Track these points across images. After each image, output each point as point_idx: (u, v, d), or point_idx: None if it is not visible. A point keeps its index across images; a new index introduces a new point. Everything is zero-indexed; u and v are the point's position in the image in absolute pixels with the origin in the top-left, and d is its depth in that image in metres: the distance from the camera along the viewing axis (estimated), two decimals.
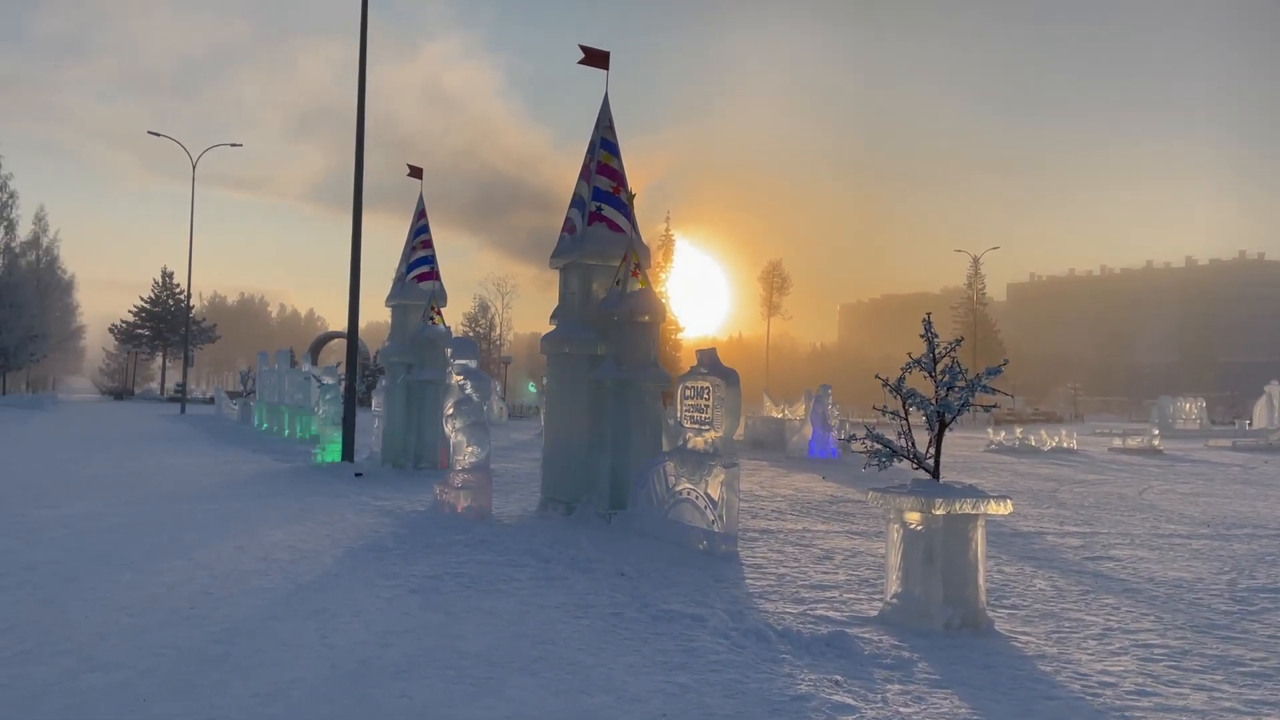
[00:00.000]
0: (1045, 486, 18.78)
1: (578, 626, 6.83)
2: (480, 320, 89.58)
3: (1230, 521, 13.92)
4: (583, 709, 5.07)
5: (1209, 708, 5.41)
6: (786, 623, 7.05)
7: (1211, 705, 5.45)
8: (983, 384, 7.39)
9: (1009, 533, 12.00)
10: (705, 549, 9.95)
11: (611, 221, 12.71)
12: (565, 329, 12.82)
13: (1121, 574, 9.58)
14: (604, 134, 13.10)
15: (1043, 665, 6.24)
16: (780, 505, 14.52)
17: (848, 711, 5.14)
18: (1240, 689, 5.77)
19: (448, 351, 13.71)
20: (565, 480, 12.58)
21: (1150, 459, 28.35)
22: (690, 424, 10.60)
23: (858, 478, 18.94)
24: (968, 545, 7.05)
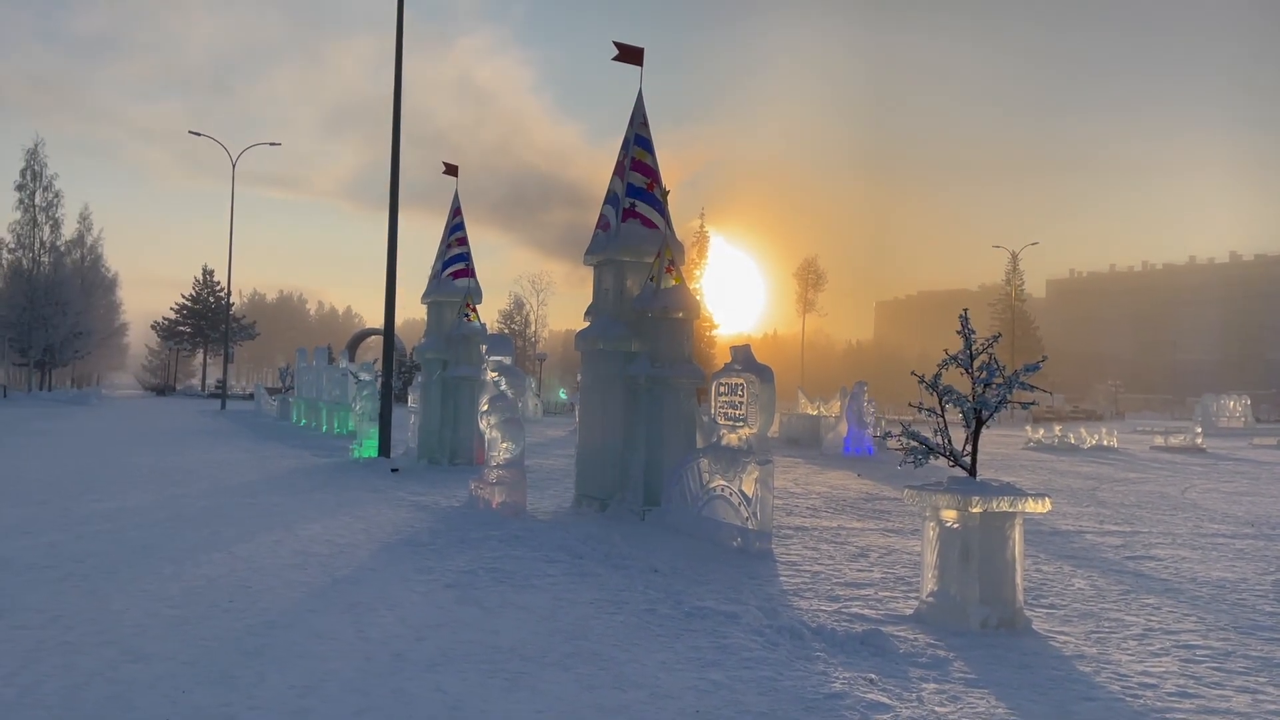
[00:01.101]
0: (1085, 485, 18.53)
1: (611, 622, 6.84)
2: (515, 317, 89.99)
3: (1275, 521, 13.65)
4: (616, 704, 5.08)
5: (1253, 710, 5.30)
6: (821, 620, 7.02)
7: (1255, 708, 5.34)
8: (1021, 381, 7.30)
9: (1048, 531, 11.85)
10: (739, 546, 9.92)
11: (645, 218, 12.70)
12: (599, 326, 12.84)
13: (1163, 574, 9.43)
14: (638, 130, 13.09)
15: (1082, 666, 6.16)
16: (815, 503, 14.44)
17: (882, 710, 5.10)
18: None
19: (483, 348, 13.78)
20: (599, 477, 12.60)
21: (1193, 457, 27.86)
22: (724, 421, 10.57)
23: (893, 475, 18.80)
24: (1005, 544, 6.97)
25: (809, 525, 12.06)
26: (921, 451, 7.52)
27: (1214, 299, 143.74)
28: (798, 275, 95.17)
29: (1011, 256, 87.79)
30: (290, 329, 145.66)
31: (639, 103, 13.23)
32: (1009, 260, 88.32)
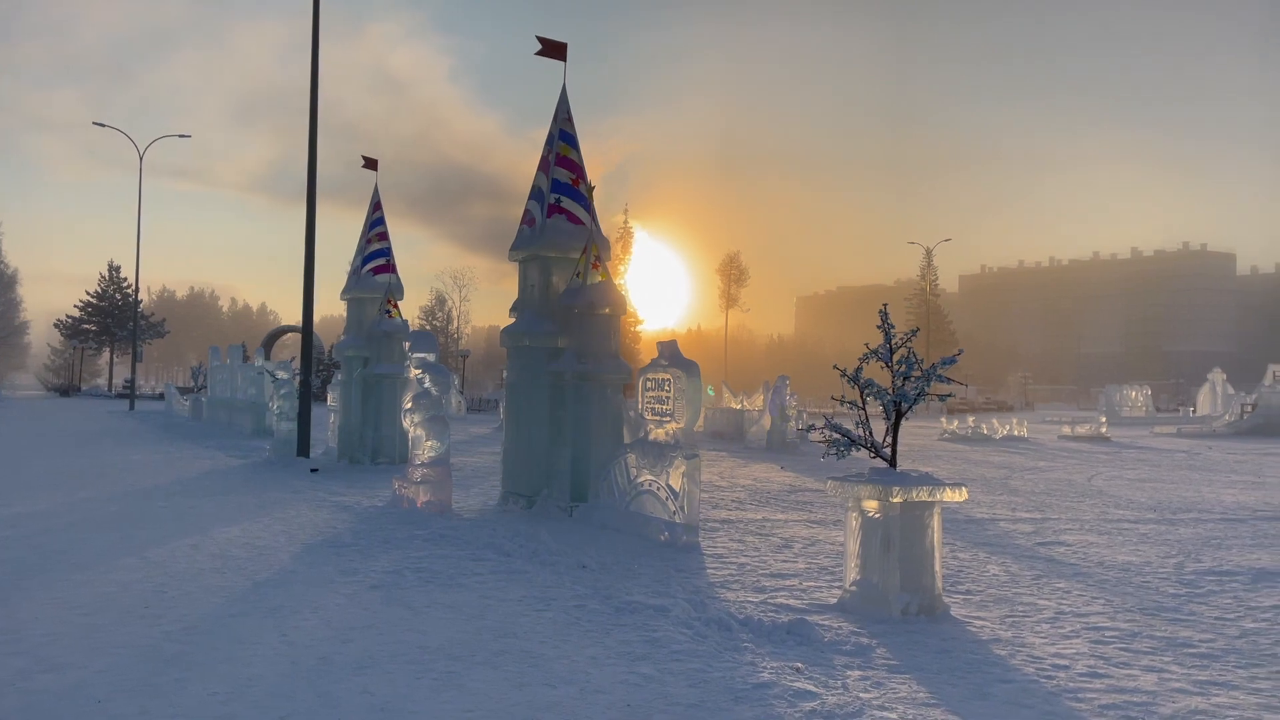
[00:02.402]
0: (997, 474, 19.11)
1: (540, 619, 6.83)
2: (437, 313, 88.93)
3: (1176, 506, 14.27)
4: (546, 701, 5.08)
5: (1159, 689, 5.55)
6: (748, 611, 7.12)
7: (1161, 686, 5.59)
8: (938, 373, 7.50)
9: (963, 519, 12.19)
10: (667, 540, 9.99)
11: (571, 214, 12.68)
12: (525, 322, 12.78)
13: (1072, 559, 9.79)
14: (562, 126, 13.06)
15: (998, 649, 6.36)
16: (740, 495, 14.62)
17: (809, 698, 5.20)
18: (1189, 670, 5.93)
19: (406, 345, 13.61)
20: (526, 473, 12.56)
21: (1098, 446, 28.94)
22: (651, 416, 10.63)
23: (815, 467, 19.13)
24: (924, 532, 7.16)
25: (734, 518, 12.20)
26: (844, 444, 7.68)
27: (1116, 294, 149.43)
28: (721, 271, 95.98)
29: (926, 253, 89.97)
30: (202, 327, 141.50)
31: (563, 98, 13.19)
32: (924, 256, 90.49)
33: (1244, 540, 11.06)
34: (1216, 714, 5.09)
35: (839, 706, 5.05)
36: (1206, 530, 11.83)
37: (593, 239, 12.45)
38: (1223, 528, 12.07)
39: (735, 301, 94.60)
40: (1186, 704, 5.25)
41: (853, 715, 4.92)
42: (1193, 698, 5.37)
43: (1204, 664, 6.07)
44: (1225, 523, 12.55)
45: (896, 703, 5.19)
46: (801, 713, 4.98)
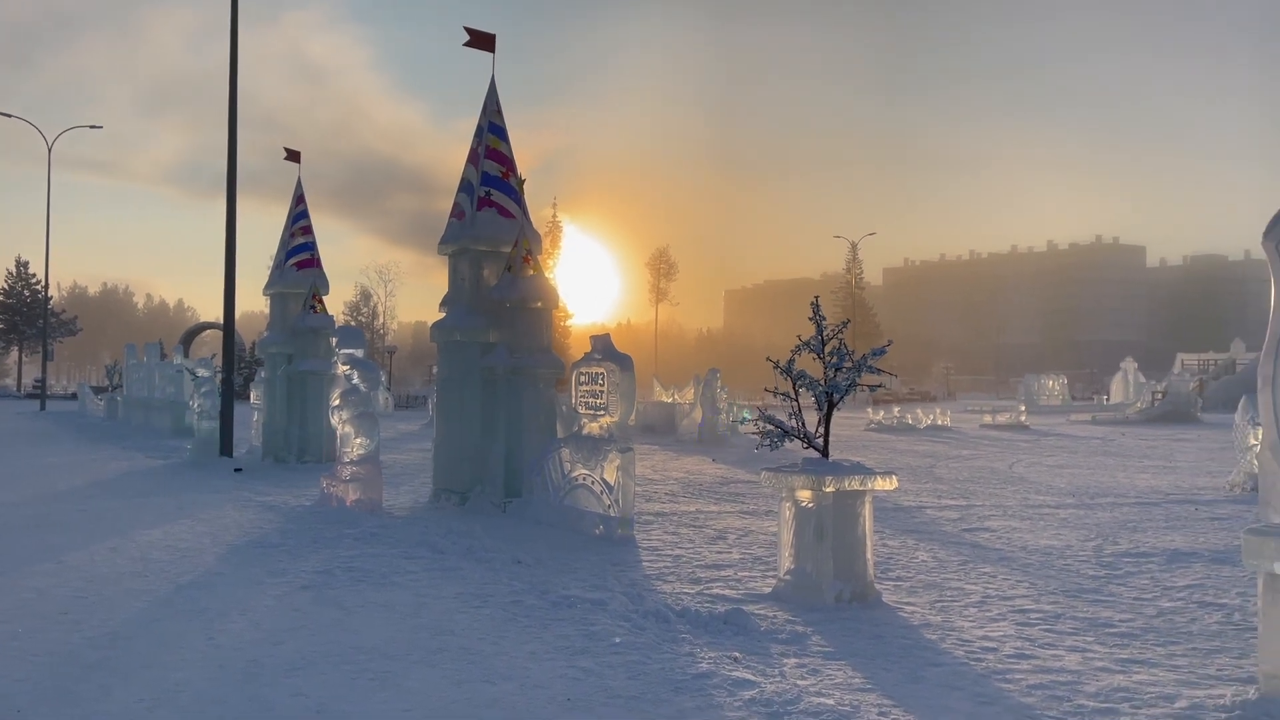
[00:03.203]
0: (923, 463, 19.53)
1: (477, 616, 6.77)
2: (362, 308, 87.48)
3: (1093, 491, 14.75)
4: (486, 698, 5.04)
5: (1083, 668, 5.73)
6: (685, 603, 7.15)
7: (1085, 665, 5.77)
8: (868, 365, 7.63)
9: (892, 508, 12.43)
10: (602, 534, 9.99)
11: (502, 207, 12.58)
12: (456, 316, 12.64)
13: (997, 544, 10.05)
14: (491, 118, 12.94)
15: (929, 633, 6.50)
16: (673, 488, 14.68)
17: (748, 687, 5.25)
18: (1110, 649, 6.14)
19: (333, 341, 13.35)
20: (458, 470, 12.43)
21: (1018, 434, 29.77)
22: (585, 410, 10.61)
23: (746, 459, 19.31)
24: (857, 521, 7.28)
25: (668, 510, 12.25)
26: (777, 435, 7.76)
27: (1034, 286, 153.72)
28: (650, 265, 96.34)
29: (851, 246, 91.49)
30: (116, 324, 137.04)
31: (492, 90, 13.07)
32: (849, 250, 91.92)
33: (1158, 523, 11.48)
34: (1138, 691, 5.27)
35: (777, 694, 5.11)
36: (1123, 514, 12.25)
37: (524, 232, 12.37)
38: (1138, 511, 12.51)
39: (665, 295, 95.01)
40: (1109, 682, 5.43)
41: (791, 702, 4.98)
42: (1115, 676, 5.55)
43: (1125, 643, 6.28)
44: (1140, 506, 13.01)
45: (833, 689, 5.27)
46: (741, 701, 5.02)
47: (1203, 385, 45.39)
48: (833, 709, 4.87)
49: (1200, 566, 8.79)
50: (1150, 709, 4.97)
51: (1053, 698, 5.16)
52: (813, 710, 4.85)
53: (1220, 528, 11.07)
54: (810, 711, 4.83)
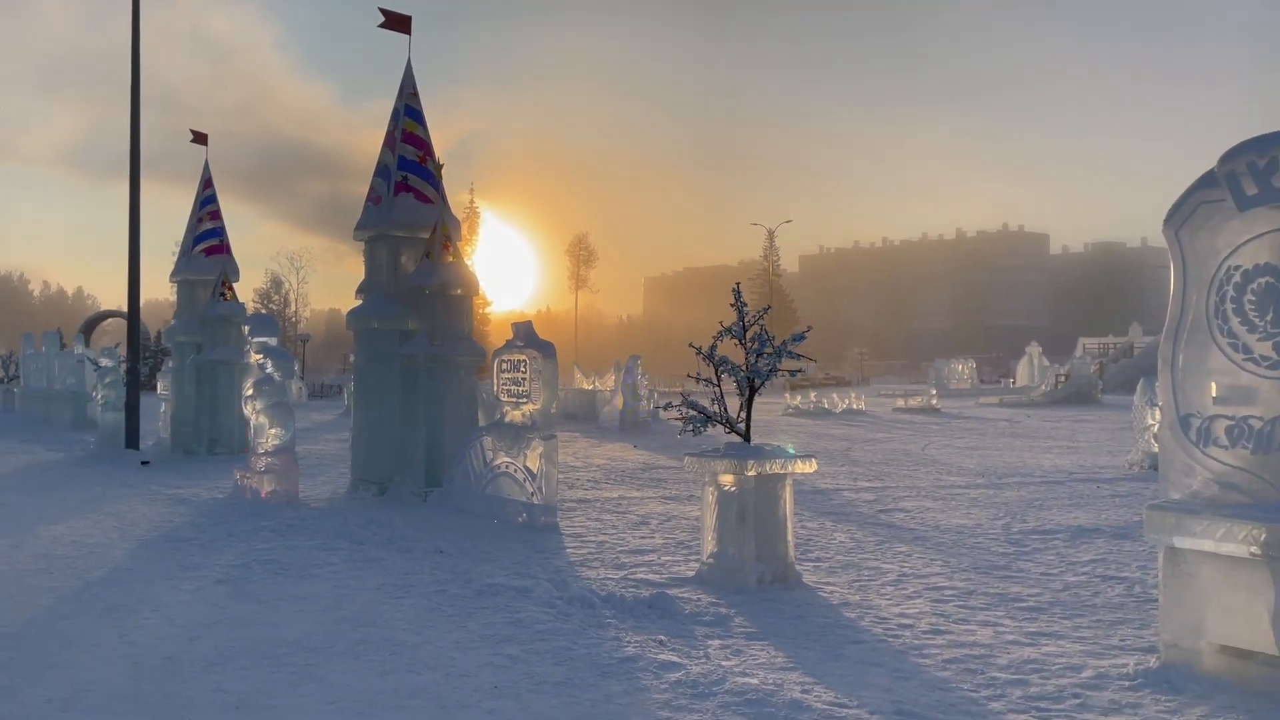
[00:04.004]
0: (839, 446, 19.92)
1: (400, 607, 6.70)
2: (274, 296, 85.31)
3: (1002, 471, 15.26)
4: (411, 688, 5.00)
5: (995, 641, 5.94)
6: (609, 588, 7.19)
7: (997, 639, 5.99)
8: (789, 350, 7.75)
9: (810, 490, 12.66)
10: (525, 521, 9.97)
11: (419, 192, 12.39)
12: (373, 304, 12.43)
13: (911, 524, 10.33)
14: (408, 101, 12.73)
15: (848, 612, 6.66)
16: (595, 475, 14.71)
17: (674, 669, 5.31)
18: (1020, 622, 6.37)
19: (245, 329, 13.01)
20: (377, 460, 12.25)
21: (930, 417, 30.57)
22: (507, 398, 10.55)
23: (667, 445, 19.44)
24: (778, 504, 7.41)
25: (591, 497, 12.28)
26: (700, 420, 7.84)
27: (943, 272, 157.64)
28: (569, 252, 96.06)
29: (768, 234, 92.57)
30: (9, 313, 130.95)
31: (408, 73, 12.86)
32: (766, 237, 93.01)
33: (1063, 501, 11.93)
34: (1046, 662, 5.49)
35: (702, 675, 5.18)
36: (1029, 493, 12.70)
37: (443, 218, 12.22)
38: (1043, 490, 12.98)
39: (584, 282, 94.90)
40: (1020, 654, 5.64)
41: (716, 683, 5.05)
42: (1025, 648, 5.77)
43: (1033, 616, 6.53)
44: (1045, 485, 13.51)
45: (757, 668, 5.36)
46: (667, 684, 5.08)
47: (1103, 368, 47.24)
48: (756, 688, 4.95)
49: (1103, 542, 9.17)
50: (1058, 679, 5.18)
51: (966, 671, 5.34)
52: (737, 690, 4.93)
53: (1121, 504, 11.56)
54: (735, 691, 4.92)
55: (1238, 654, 4.97)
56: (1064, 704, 4.81)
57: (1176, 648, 5.21)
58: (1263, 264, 4.97)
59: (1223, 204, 5.11)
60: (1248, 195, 5.01)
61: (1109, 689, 5.01)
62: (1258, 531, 4.77)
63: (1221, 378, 5.11)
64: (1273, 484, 4.90)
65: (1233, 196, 5.06)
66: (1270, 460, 4.92)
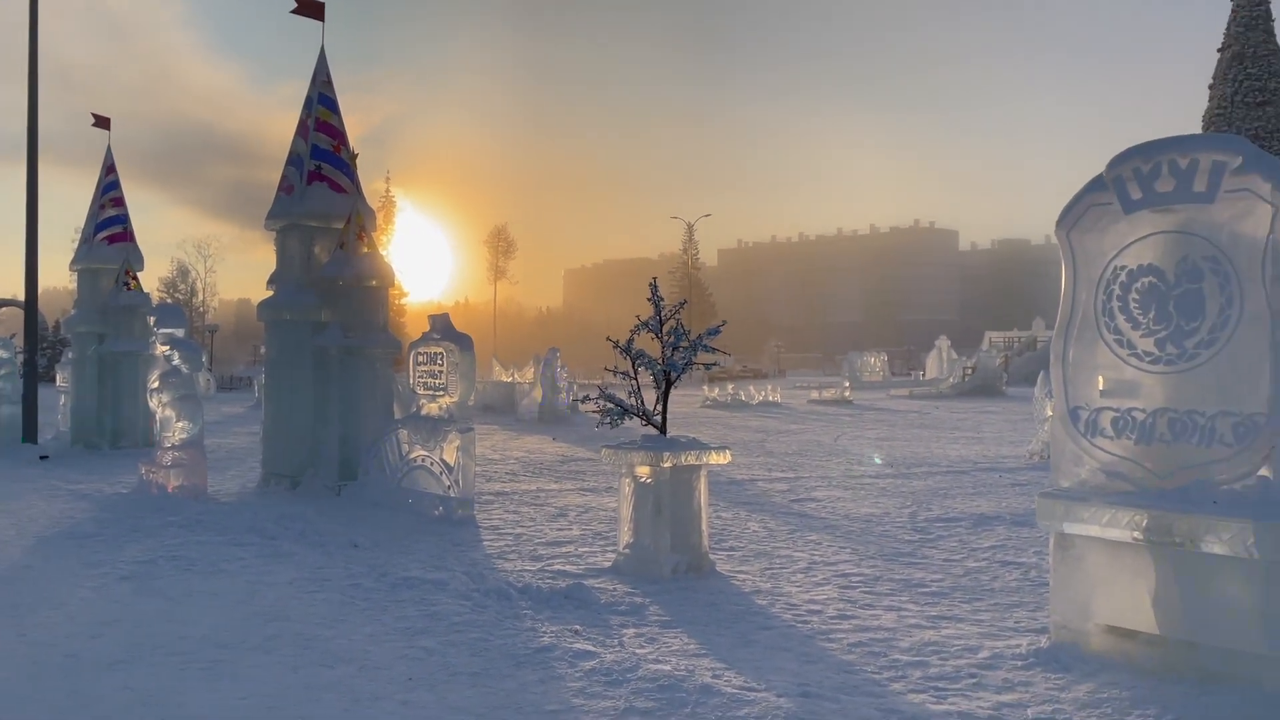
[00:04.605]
0: (755, 437, 20.26)
1: (313, 601, 6.64)
2: (180, 285, 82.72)
3: (910, 461, 15.72)
4: (324, 681, 4.98)
5: (898, 625, 6.17)
6: (526, 580, 7.23)
7: (900, 623, 6.22)
8: (704, 344, 7.89)
9: (726, 481, 12.87)
10: (441, 515, 9.93)
11: (333, 181, 12.20)
12: (286, 294, 12.21)
13: (822, 513, 10.60)
14: (321, 89, 12.52)
15: (759, 600, 6.84)
16: (513, 467, 14.70)
17: (589, 658, 5.39)
18: (922, 607, 6.63)
19: (150, 320, 12.64)
20: (289, 453, 12.04)
21: (843, 409, 31.25)
22: (424, 390, 10.48)
23: (587, 437, 19.51)
24: (693, 495, 7.55)
25: (509, 490, 12.28)
26: (616, 413, 7.93)
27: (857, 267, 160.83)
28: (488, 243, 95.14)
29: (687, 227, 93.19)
30: None
31: (321, 59, 12.65)
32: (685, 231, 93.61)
33: (966, 490, 12.37)
34: (945, 644, 5.73)
35: (616, 663, 5.27)
36: (935, 482, 13.12)
37: (357, 208, 12.06)
38: (949, 479, 13.43)
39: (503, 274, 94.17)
40: (921, 637, 5.87)
41: (629, 670, 5.15)
42: (926, 631, 6.01)
43: (935, 601, 6.79)
44: (951, 474, 13.98)
45: (670, 655, 5.48)
46: (581, 672, 5.16)
47: (1008, 361, 48.80)
48: (669, 674, 5.07)
49: (1003, 529, 9.55)
50: (956, 660, 5.42)
51: (870, 654, 5.55)
52: (650, 677, 5.04)
53: (1021, 493, 12.03)
54: (648, 678, 5.02)
55: (1122, 634, 5.27)
56: (960, 684, 5.04)
57: (1066, 629, 5.49)
58: (1146, 264, 5.26)
59: (1110, 207, 5.40)
60: (1133, 199, 5.29)
61: (1003, 669, 5.26)
62: (1140, 517, 5.06)
63: (1108, 372, 5.39)
64: (1154, 473, 5.20)
65: (1119, 200, 5.34)
66: (1152, 450, 5.22)
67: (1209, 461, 4.98)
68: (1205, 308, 5.03)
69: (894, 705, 4.71)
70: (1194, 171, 5.05)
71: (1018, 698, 4.82)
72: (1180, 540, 4.92)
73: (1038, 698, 4.81)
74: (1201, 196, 5.03)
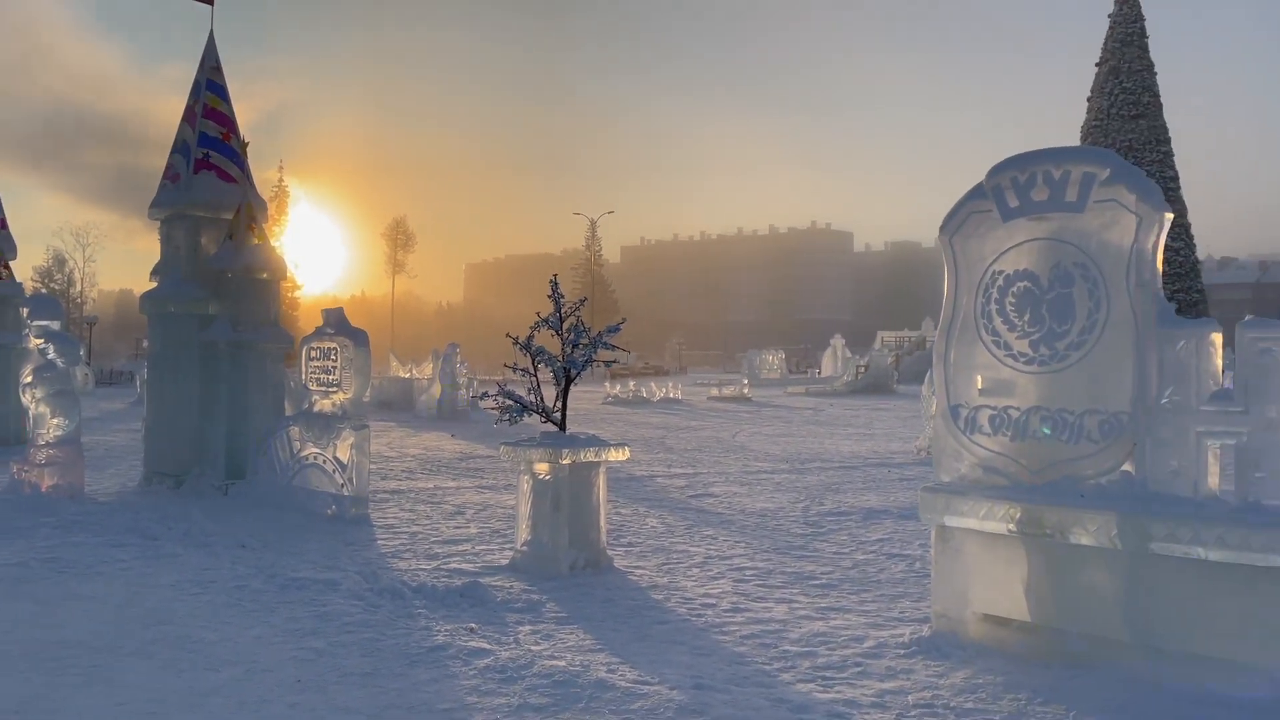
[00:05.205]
0: (655, 434, 20.42)
1: (197, 603, 6.45)
2: (56, 275, 78.83)
3: (805, 457, 16.08)
4: (208, 686, 4.85)
5: (789, 616, 6.34)
6: (421, 579, 7.16)
7: (791, 615, 6.39)
8: (604, 341, 7.94)
9: (625, 477, 12.96)
10: (334, 514, 9.74)
11: (222, 170, 11.83)
12: (170, 286, 11.78)
13: (719, 508, 10.77)
14: (210, 75, 12.13)
15: (655, 594, 6.92)
16: (410, 465, 14.50)
17: (483, 655, 5.38)
18: (813, 599, 6.81)
19: (23, 311, 12.04)
20: (173, 451, 11.63)
21: (742, 406, 31.73)
22: (316, 386, 10.26)
23: (486, 434, 19.36)
24: (591, 491, 7.59)
25: (405, 488, 12.11)
26: (516, 409, 7.92)
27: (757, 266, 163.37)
28: (386, 235, 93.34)
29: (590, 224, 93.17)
30: None
31: (210, 45, 12.25)
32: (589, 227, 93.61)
33: (857, 484, 12.73)
34: (833, 635, 5.91)
35: (511, 660, 5.28)
36: (828, 477, 13.47)
37: (247, 198, 11.72)
38: (841, 474, 13.80)
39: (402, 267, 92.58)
40: (810, 628, 6.04)
41: (524, 667, 5.16)
42: (815, 622, 6.19)
43: (824, 592, 6.99)
44: (843, 470, 14.36)
45: (565, 651, 5.51)
46: (475, 670, 5.15)
47: (899, 360, 50.25)
48: (564, 669, 5.10)
49: (890, 522, 9.87)
50: (843, 650, 5.60)
51: (762, 645, 5.69)
52: (545, 673, 5.06)
53: (908, 487, 12.44)
54: (542, 674, 5.04)
55: (997, 621, 5.52)
56: (846, 672, 5.21)
57: (946, 617, 5.72)
58: (1022, 270, 5.52)
59: (990, 214, 5.64)
60: (1010, 207, 5.54)
61: (886, 657, 5.46)
62: (1014, 510, 5.31)
63: (986, 371, 5.64)
64: (1028, 468, 5.46)
65: (998, 208, 5.59)
66: (1026, 446, 5.48)
67: (1077, 457, 5.26)
68: (1075, 311, 5.30)
69: (783, 695, 4.84)
70: (1066, 182, 5.32)
71: (899, 685, 5.01)
72: (1050, 532, 5.19)
73: (918, 685, 5.01)
74: (1072, 206, 5.30)
